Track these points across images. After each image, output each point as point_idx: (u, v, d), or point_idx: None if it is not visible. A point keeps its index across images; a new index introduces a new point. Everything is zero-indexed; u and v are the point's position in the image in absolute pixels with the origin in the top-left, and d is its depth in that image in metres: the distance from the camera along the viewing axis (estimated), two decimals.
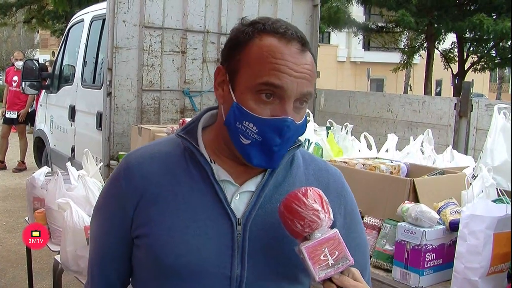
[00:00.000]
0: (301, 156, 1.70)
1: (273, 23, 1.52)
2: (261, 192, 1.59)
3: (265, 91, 1.47)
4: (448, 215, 2.74)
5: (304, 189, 1.46)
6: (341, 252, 1.44)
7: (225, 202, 1.56)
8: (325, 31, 21.44)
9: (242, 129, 1.49)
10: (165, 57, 6.08)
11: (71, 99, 7.30)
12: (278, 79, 1.45)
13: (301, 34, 1.52)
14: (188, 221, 1.55)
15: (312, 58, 1.53)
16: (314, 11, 7.04)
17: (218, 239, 1.55)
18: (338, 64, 41.44)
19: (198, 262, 1.53)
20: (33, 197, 4.13)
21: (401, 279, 2.70)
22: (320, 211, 1.43)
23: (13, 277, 5.89)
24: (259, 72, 1.47)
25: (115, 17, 5.70)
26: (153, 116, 6.11)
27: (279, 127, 1.47)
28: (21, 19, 24.38)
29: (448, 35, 19.60)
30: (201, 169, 1.58)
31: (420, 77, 24.22)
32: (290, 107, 1.48)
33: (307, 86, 1.49)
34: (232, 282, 1.55)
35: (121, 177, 1.63)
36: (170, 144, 1.66)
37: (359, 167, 3.43)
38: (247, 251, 1.55)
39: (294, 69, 1.47)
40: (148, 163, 1.61)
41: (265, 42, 1.49)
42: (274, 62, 1.46)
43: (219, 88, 1.58)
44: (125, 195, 1.61)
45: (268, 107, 1.48)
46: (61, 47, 8.13)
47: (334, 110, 7.21)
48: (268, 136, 1.48)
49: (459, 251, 2.54)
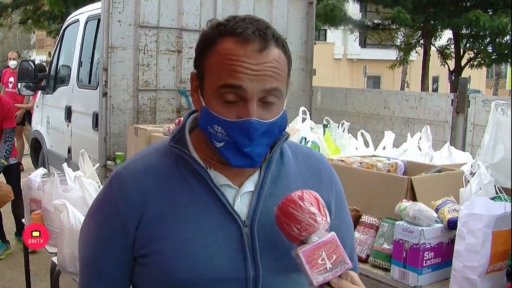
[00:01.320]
0: (288, 147, 1.70)
1: (234, 23, 1.49)
2: (261, 191, 1.59)
3: (226, 93, 1.46)
4: (446, 214, 2.73)
5: (300, 192, 1.44)
6: (339, 256, 1.43)
7: (229, 207, 1.55)
8: (321, 28, 21.42)
9: (213, 132, 1.49)
10: (161, 57, 6.06)
11: (67, 99, 7.27)
12: (235, 79, 1.44)
13: (264, 31, 1.48)
14: (196, 231, 1.53)
15: (279, 54, 1.49)
16: (309, 9, 7.03)
17: (228, 244, 1.54)
18: (335, 62, 41.42)
19: (213, 271, 1.52)
20: (29, 198, 4.12)
21: (399, 278, 2.69)
22: (317, 214, 1.42)
23: (11, 279, 5.87)
24: (219, 76, 1.46)
25: (110, 17, 5.68)
26: (149, 116, 6.10)
27: (244, 129, 1.46)
28: (17, 20, 24.31)
29: (445, 31, 19.59)
30: (198, 177, 1.56)
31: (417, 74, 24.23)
32: (253, 107, 1.45)
33: (270, 82, 1.46)
34: (248, 284, 1.55)
35: (116, 197, 1.57)
36: (160, 154, 1.62)
37: (356, 165, 3.42)
38: (258, 251, 1.55)
39: (252, 69, 1.44)
40: (143, 178, 1.57)
41: (224, 46, 1.47)
42: (230, 64, 1.45)
43: (195, 94, 1.58)
44: (124, 215, 1.55)
45: (233, 109, 1.46)
46: (56, 47, 8.10)
47: (331, 107, 7.20)
48: (237, 138, 1.47)
49: (458, 250, 2.53)
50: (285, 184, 1.63)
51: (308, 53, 7.05)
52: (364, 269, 2.86)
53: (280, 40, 1.51)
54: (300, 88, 7.04)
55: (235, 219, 1.55)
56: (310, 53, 7.07)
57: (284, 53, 1.52)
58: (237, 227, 1.55)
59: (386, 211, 2.93)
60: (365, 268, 2.87)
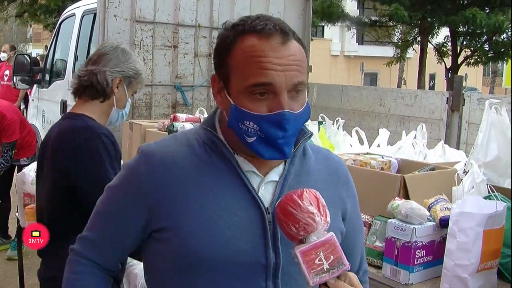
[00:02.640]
0: (309, 147, 1.75)
1: (252, 21, 1.54)
2: (285, 181, 1.63)
3: (257, 90, 1.50)
4: (438, 212, 2.73)
5: (300, 191, 1.44)
6: (336, 257, 1.41)
7: (254, 192, 1.59)
8: (318, 25, 21.43)
9: (244, 128, 1.52)
10: (157, 52, 6.06)
11: (62, 94, 7.25)
12: (265, 77, 1.48)
13: (282, 26, 1.53)
14: (220, 212, 1.56)
15: (299, 46, 1.55)
16: (306, 5, 7.03)
17: (251, 229, 1.57)
18: (332, 58, 41.42)
19: (234, 253, 1.54)
20: (23, 192, 4.11)
21: (391, 276, 2.69)
22: (315, 214, 1.41)
23: (3, 273, 5.88)
24: (246, 75, 1.50)
25: (106, 11, 5.68)
26: (144, 111, 6.09)
27: (278, 121, 1.50)
28: (13, 13, 24.27)
29: (441, 29, 19.63)
30: (226, 160, 1.60)
31: (414, 71, 24.22)
32: (285, 99, 1.50)
33: (296, 76, 1.51)
34: (268, 270, 1.57)
35: (140, 171, 1.61)
36: (190, 137, 1.66)
37: (349, 163, 3.42)
38: (279, 238, 1.57)
39: (279, 63, 1.49)
40: (171, 156, 1.61)
41: (246, 43, 1.51)
42: (257, 61, 1.49)
43: (218, 96, 1.62)
44: (143, 190, 1.59)
45: (264, 103, 1.50)
46: (52, 41, 8.09)
47: (326, 104, 7.20)
48: (270, 131, 1.51)
49: (449, 248, 2.54)
50: (306, 180, 1.67)
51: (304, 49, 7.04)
52: None
53: (296, 35, 1.57)
54: None
55: (258, 204, 1.58)
56: (307, 50, 7.05)
57: (301, 45, 1.57)
58: (260, 213, 1.58)
59: (378, 209, 2.93)
60: None
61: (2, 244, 6.47)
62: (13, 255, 5.98)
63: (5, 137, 6.13)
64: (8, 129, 6.10)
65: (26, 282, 4.83)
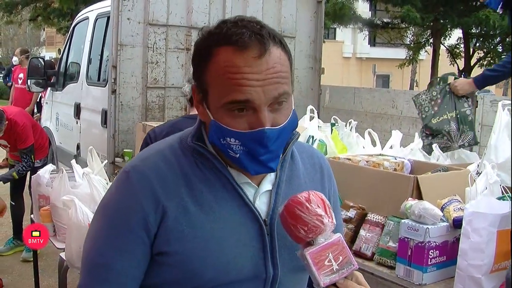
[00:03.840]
0: (294, 148, 1.70)
1: (228, 29, 1.44)
2: (278, 190, 1.61)
3: (234, 107, 1.43)
4: (451, 212, 2.73)
5: (307, 194, 1.44)
6: (345, 257, 1.43)
7: (252, 205, 1.55)
8: (330, 27, 21.40)
9: (227, 144, 1.47)
10: (170, 54, 6.08)
11: (76, 96, 7.30)
12: (241, 94, 1.41)
13: (260, 33, 1.44)
14: (221, 231, 1.51)
15: (279, 54, 1.45)
16: (318, 8, 7.02)
17: (251, 244, 1.54)
18: (344, 60, 41.36)
19: (237, 271, 1.52)
20: (38, 194, 4.16)
21: (404, 276, 2.70)
22: (323, 216, 1.42)
23: (19, 274, 5.92)
24: (223, 92, 1.43)
25: (119, 14, 5.70)
26: (158, 113, 6.11)
27: (258, 138, 1.44)
28: (27, 17, 24.42)
29: (454, 30, 19.52)
30: (219, 174, 1.54)
31: (426, 73, 24.12)
32: (265, 116, 1.43)
33: (276, 89, 1.43)
34: (267, 283, 1.56)
35: (137, 190, 1.50)
36: (176, 150, 1.57)
37: (362, 164, 3.43)
38: (277, 250, 1.56)
39: (256, 79, 1.41)
40: (165, 172, 1.52)
41: (221, 58, 1.43)
42: (232, 78, 1.41)
43: (199, 106, 1.55)
44: (146, 209, 1.49)
45: (244, 119, 1.44)
46: (66, 45, 8.13)
47: (339, 106, 7.20)
48: (252, 147, 1.45)
49: (463, 248, 2.54)
50: (298, 184, 1.65)
51: (316, 52, 7.05)
52: (369, 267, 2.87)
53: (277, 38, 1.48)
54: (308, 86, 7.04)
55: (257, 218, 1.55)
56: (319, 52, 7.06)
57: (283, 50, 1.48)
58: (259, 226, 1.55)
59: (392, 210, 2.93)
60: (370, 266, 2.88)
61: (17, 246, 6.51)
62: (28, 256, 6.01)
63: (20, 143, 6.19)
64: (22, 134, 6.15)
65: (41, 284, 4.87)
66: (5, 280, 5.68)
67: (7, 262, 6.28)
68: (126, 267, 1.52)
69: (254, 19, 1.50)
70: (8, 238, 6.67)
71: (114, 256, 1.52)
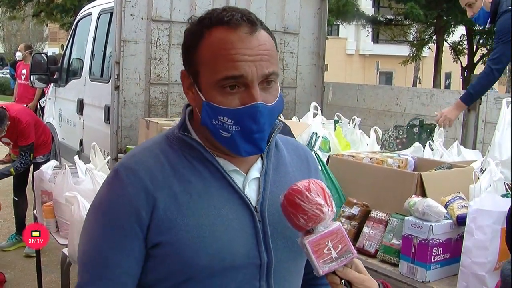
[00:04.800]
0: (278, 139, 1.73)
1: (218, 14, 1.51)
2: (266, 177, 1.62)
3: (227, 84, 1.46)
4: (455, 210, 2.73)
5: (307, 182, 1.45)
6: (344, 246, 1.44)
7: (241, 192, 1.57)
8: (333, 23, 21.39)
9: (219, 124, 1.49)
10: (173, 51, 6.06)
11: (79, 92, 7.31)
12: (235, 70, 1.45)
13: (249, 16, 1.50)
14: (212, 218, 1.52)
15: (268, 36, 1.52)
16: (322, 4, 7.01)
17: (242, 230, 1.55)
18: (347, 57, 41.36)
19: (231, 257, 1.52)
20: (41, 190, 4.16)
21: (408, 273, 2.70)
22: (323, 205, 1.42)
23: (22, 270, 5.92)
24: (216, 68, 1.47)
25: (122, 10, 5.69)
26: (161, 110, 6.11)
27: (251, 113, 1.47)
28: (30, 13, 24.40)
29: (457, 27, 19.53)
30: (207, 164, 1.56)
31: (429, 70, 24.12)
32: (257, 91, 1.47)
33: (267, 67, 1.48)
34: (262, 269, 1.57)
35: (126, 185, 1.51)
36: (163, 145, 1.60)
37: (366, 161, 3.42)
38: (269, 236, 1.57)
39: (248, 54, 1.45)
40: (153, 166, 1.54)
41: (214, 37, 1.49)
42: (226, 54, 1.46)
43: (189, 92, 1.59)
44: (137, 203, 1.49)
45: (236, 96, 1.47)
46: (69, 40, 8.13)
47: (342, 103, 7.19)
48: (245, 124, 1.48)
49: (466, 246, 2.53)
50: (285, 172, 1.67)
51: (320, 48, 7.04)
52: (373, 264, 2.87)
53: (264, 25, 1.54)
54: (312, 83, 7.03)
55: (247, 204, 1.56)
56: (322, 49, 7.05)
57: (270, 35, 1.54)
58: (250, 212, 1.56)
59: (395, 207, 2.93)
60: (373, 263, 2.88)
61: (20, 241, 6.51)
62: (30, 252, 6.02)
63: (21, 140, 6.20)
64: (24, 132, 6.16)
65: (43, 279, 4.88)
66: (8, 275, 5.69)
67: (9, 257, 6.29)
68: (124, 264, 1.53)
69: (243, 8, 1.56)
70: (11, 234, 6.68)
71: (112, 254, 1.53)
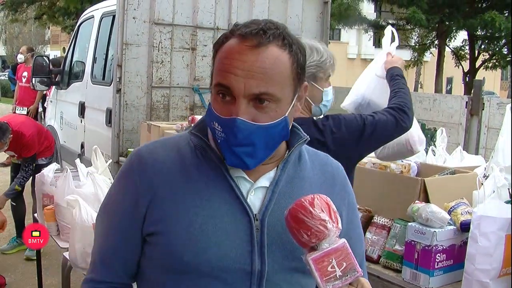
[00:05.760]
0: (306, 152, 1.70)
1: (243, 25, 1.50)
2: (275, 188, 1.59)
3: (220, 91, 1.48)
4: (459, 216, 2.72)
5: (311, 197, 1.41)
6: (349, 263, 1.40)
7: (242, 198, 1.55)
8: (335, 28, 21.40)
9: (213, 129, 1.51)
10: (175, 54, 6.07)
11: (81, 95, 7.30)
12: (223, 79, 1.46)
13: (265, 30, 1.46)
14: (206, 217, 1.53)
15: (278, 54, 1.46)
16: (324, 8, 7.00)
17: (236, 235, 1.54)
18: (349, 61, 41.36)
19: (218, 258, 1.52)
20: (42, 193, 4.14)
21: (411, 279, 2.68)
22: (327, 221, 1.39)
23: (22, 273, 5.90)
24: (215, 74, 1.50)
25: (125, 13, 5.69)
26: (162, 113, 6.10)
27: (230, 126, 1.46)
28: (32, 15, 24.42)
29: (459, 32, 19.48)
30: (215, 166, 1.57)
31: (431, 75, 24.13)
32: (240, 106, 1.44)
33: (257, 85, 1.43)
34: (253, 277, 1.55)
35: (134, 172, 1.60)
36: (181, 141, 1.64)
37: (369, 166, 3.41)
38: (266, 246, 1.55)
39: (241, 68, 1.43)
40: (162, 159, 1.59)
41: (227, 45, 1.50)
42: (223, 63, 1.48)
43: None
44: (138, 191, 1.57)
45: (227, 105, 1.47)
46: (71, 43, 8.13)
47: None
48: (227, 134, 1.48)
49: (470, 253, 2.52)
50: (300, 186, 1.63)
51: None
52: (375, 270, 2.86)
53: (288, 41, 1.48)
54: None
55: (246, 211, 1.55)
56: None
57: (290, 55, 1.48)
58: (248, 219, 1.54)
59: (398, 212, 2.92)
60: (376, 269, 2.87)
61: (21, 244, 6.50)
62: (31, 255, 6.01)
63: (25, 152, 6.19)
64: (27, 145, 6.15)
65: (44, 283, 4.86)
66: (8, 278, 5.67)
67: (10, 260, 6.27)
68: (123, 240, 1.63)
69: (278, 23, 1.52)
70: (12, 237, 6.66)
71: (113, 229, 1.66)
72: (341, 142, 2.60)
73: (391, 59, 3.20)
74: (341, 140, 2.60)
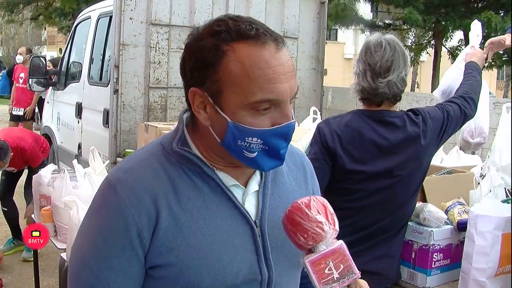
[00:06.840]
0: None
1: (237, 26, 1.40)
2: (265, 190, 1.58)
3: (263, 106, 1.39)
4: (455, 215, 2.73)
5: (307, 200, 1.41)
6: (346, 266, 1.40)
7: (242, 207, 1.52)
8: (332, 28, 21.39)
9: (245, 145, 1.42)
10: (172, 55, 6.06)
11: (78, 96, 7.29)
12: (272, 93, 1.38)
13: (267, 28, 1.43)
14: (213, 237, 1.47)
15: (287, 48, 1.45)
16: (321, 8, 7.00)
17: (243, 247, 1.51)
18: (345, 61, 41.33)
19: (233, 276, 1.48)
20: (39, 194, 4.14)
21: (408, 279, 2.69)
22: (324, 223, 1.39)
23: (19, 274, 5.90)
24: (250, 89, 1.38)
25: (122, 14, 5.68)
26: (160, 114, 6.09)
27: (285, 133, 1.43)
28: (28, 16, 24.40)
29: (456, 32, 19.51)
30: (207, 179, 1.50)
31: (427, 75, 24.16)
32: (290, 110, 1.43)
33: (295, 84, 1.44)
34: (263, 284, 1.54)
35: (127, 205, 1.44)
36: (160, 157, 1.51)
37: None
38: (269, 251, 1.54)
39: (282, 72, 1.39)
40: (152, 183, 1.46)
41: (242, 54, 1.38)
42: (262, 74, 1.37)
43: (201, 111, 1.48)
44: (139, 224, 1.43)
45: (267, 116, 1.41)
46: (68, 44, 8.12)
47: (342, 107, 7.17)
48: (275, 143, 1.43)
49: (467, 252, 2.53)
50: (282, 182, 1.63)
51: (319, 53, 7.03)
52: None
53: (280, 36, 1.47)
54: (311, 88, 7.02)
55: (247, 220, 1.52)
56: (322, 53, 7.04)
57: None
58: (250, 228, 1.52)
59: None
60: None
61: (18, 245, 6.50)
62: (28, 256, 6.00)
63: (33, 163, 6.20)
64: (32, 156, 6.17)
65: (41, 284, 4.84)
66: (5, 279, 5.67)
67: (7, 261, 6.26)
68: (124, 285, 1.47)
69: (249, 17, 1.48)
70: (8, 238, 6.66)
71: (110, 277, 1.46)
72: (431, 135, 2.70)
73: (471, 52, 3.41)
74: (431, 133, 2.71)
